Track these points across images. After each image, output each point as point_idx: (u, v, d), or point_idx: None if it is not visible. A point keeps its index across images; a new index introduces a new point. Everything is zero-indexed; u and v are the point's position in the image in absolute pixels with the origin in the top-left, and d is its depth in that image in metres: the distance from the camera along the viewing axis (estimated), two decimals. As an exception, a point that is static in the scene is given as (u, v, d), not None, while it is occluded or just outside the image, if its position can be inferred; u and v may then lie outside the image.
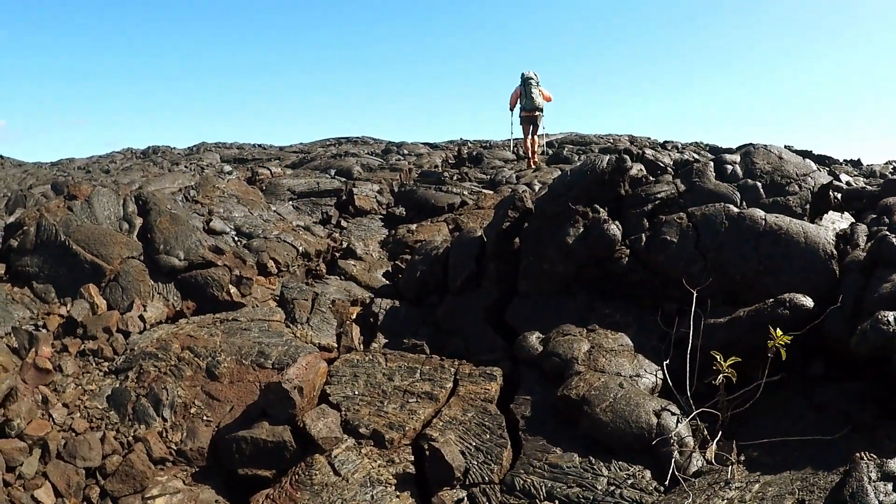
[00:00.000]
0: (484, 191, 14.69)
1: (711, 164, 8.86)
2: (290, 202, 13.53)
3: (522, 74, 14.97)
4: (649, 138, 26.75)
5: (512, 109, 15.52)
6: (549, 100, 15.22)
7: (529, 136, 15.35)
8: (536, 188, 13.55)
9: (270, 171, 15.94)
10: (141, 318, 8.15)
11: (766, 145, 8.99)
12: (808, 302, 6.00)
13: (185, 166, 19.22)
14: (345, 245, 11.31)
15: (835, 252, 6.75)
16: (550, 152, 20.37)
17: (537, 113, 14.77)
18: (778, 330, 5.10)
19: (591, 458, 5.28)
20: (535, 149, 15.69)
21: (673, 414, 5.40)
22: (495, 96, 14.99)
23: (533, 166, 15.42)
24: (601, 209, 8.08)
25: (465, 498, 5.17)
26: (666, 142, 23.88)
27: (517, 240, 8.73)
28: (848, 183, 10.60)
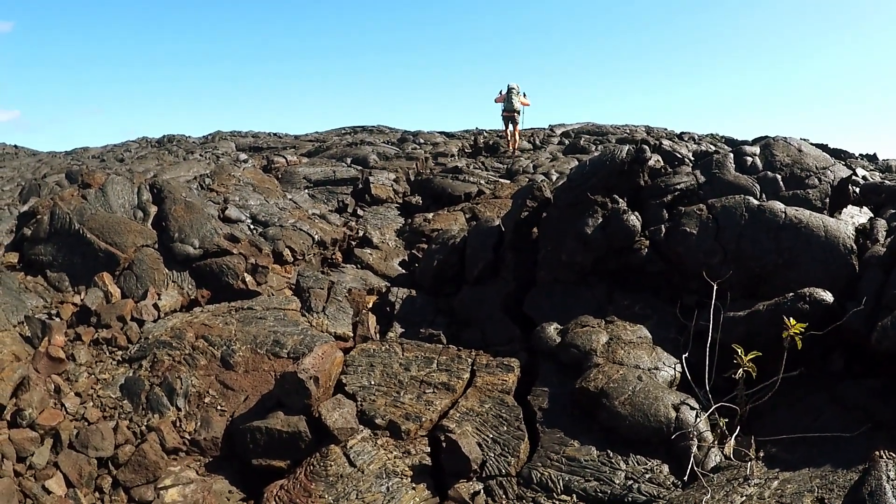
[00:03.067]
0: (501, 180, 14.67)
1: (731, 155, 8.77)
2: (306, 190, 13.53)
3: (508, 85, 18.95)
4: (666, 129, 26.61)
5: (497, 102, 19.45)
6: (526, 105, 19.55)
7: (509, 129, 19.41)
8: (554, 178, 13.48)
9: (286, 159, 15.94)
10: (155, 306, 8.15)
11: (785, 137, 8.89)
12: (828, 297, 5.92)
13: (201, 155, 19.26)
14: (361, 234, 11.29)
15: (854, 246, 6.67)
16: (567, 142, 20.46)
17: (514, 114, 18.92)
18: (792, 319, 5.02)
19: (609, 451, 5.24)
20: (516, 139, 19.62)
21: (692, 408, 5.35)
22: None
23: (511, 150, 19.26)
24: (620, 199, 8.01)
25: (482, 490, 5.16)
26: (683, 133, 23.75)
27: (535, 230, 8.67)
28: (865, 177, 10.48)
